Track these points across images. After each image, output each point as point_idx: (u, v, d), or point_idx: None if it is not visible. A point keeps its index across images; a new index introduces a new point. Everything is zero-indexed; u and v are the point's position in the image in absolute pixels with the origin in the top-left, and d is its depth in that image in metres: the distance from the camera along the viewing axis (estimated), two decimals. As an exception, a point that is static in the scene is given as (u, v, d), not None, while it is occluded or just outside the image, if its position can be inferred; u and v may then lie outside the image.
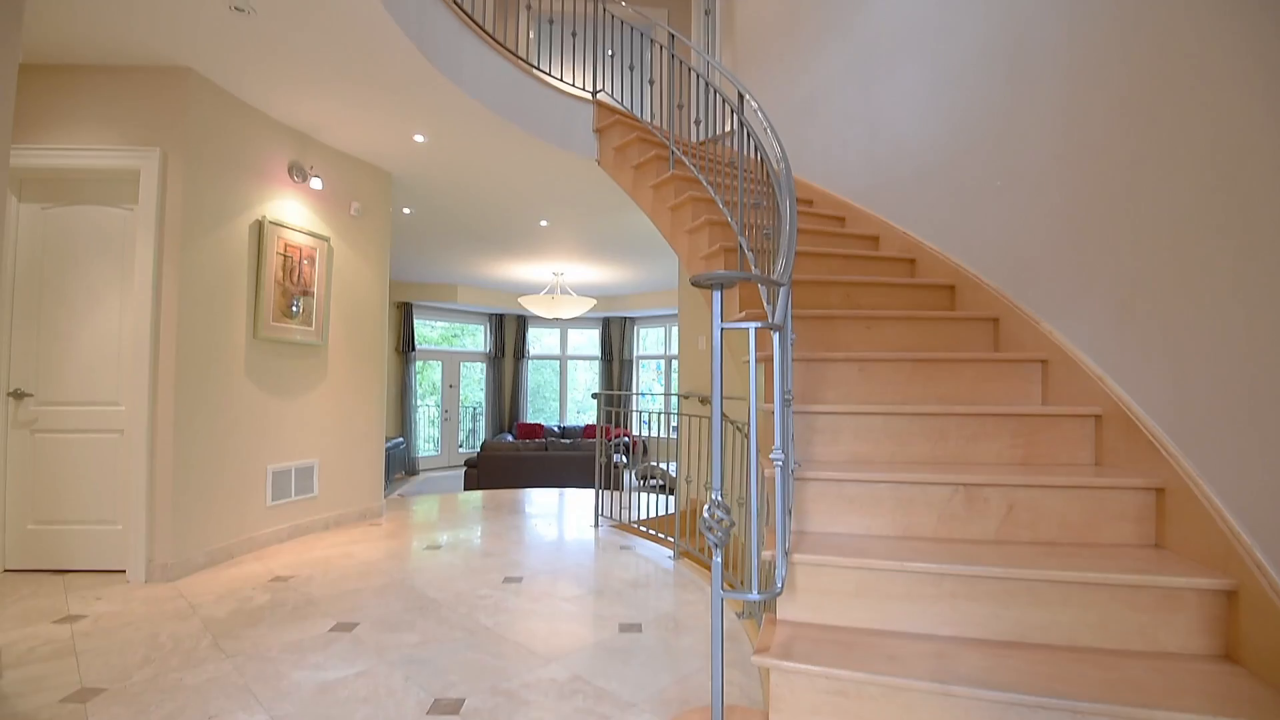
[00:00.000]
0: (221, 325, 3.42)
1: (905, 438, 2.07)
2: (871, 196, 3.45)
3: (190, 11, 2.69)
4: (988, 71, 2.64)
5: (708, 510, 1.35)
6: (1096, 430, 2.04)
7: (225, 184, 3.43)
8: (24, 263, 3.21)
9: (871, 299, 2.79)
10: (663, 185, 3.53)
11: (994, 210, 2.59)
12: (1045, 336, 2.28)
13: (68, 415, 3.20)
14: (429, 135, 3.93)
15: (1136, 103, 1.94)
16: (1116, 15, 2.02)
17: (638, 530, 4.16)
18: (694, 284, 1.33)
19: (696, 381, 5.57)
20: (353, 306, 4.38)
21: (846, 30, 3.72)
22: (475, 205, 5.41)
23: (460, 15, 3.34)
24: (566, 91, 4.05)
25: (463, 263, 8.02)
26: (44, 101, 3.16)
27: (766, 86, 4.62)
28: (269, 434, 3.74)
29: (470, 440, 11.04)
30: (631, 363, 11.28)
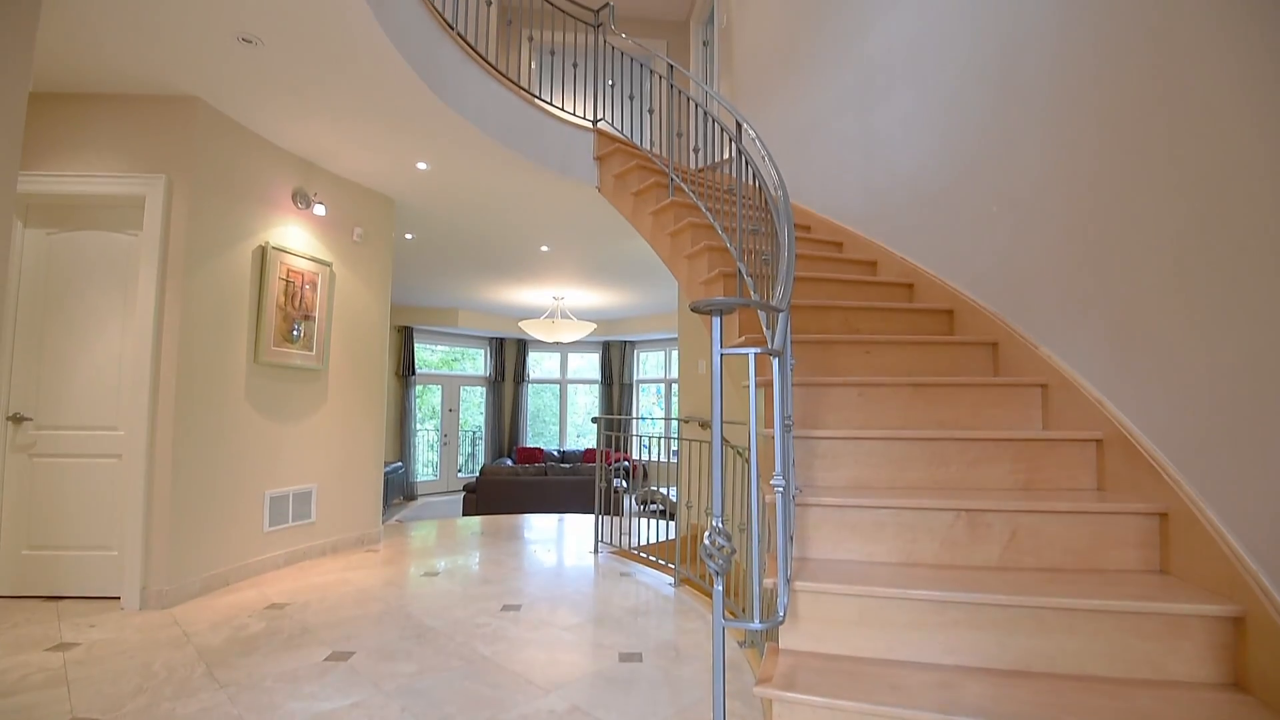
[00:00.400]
0: (222, 350, 3.43)
1: (906, 463, 2.06)
2: (869, 222, 3.49)
3: (199, 42, 2.75)
4: (981, 100, 2.69)
5: (708, 537, 1.34)
6: (1098, 455, 2.03)
7: (229, 210, 3.47)
8: (28, 287, 3.23)
9: (870, 324, 2.80)
10: (662, 211, 3.57)
11: (990, 235, 2.62)
12: (1044, 361, 2.29)
13: (66, 440, 3.19)
14: (432, 163, 3.99)
15: (1128, 129, 1.97)
16: (1106, 43, 2.07)
17: (637, 556, 4.11)
18: (693, 310, 1.34)
19: (697, 405, 5.56)
20: (354, 331, 4.40)
21: (842, 61, 3.79)
22: (477, 231, 5.46)
23: (464, 47, 3.41)
24: (568, 120, 4.12)
25: (464, 287, 8.06)
26: (53, 129, 3.22)
27: (764, 115, 4.70)
28: (267, 459, 3.73)
29: (469, 465, 10.98)
30: (631, 387, 11.28)
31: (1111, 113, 2.04)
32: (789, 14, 4.43)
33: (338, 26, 2.61)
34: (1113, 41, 2.05)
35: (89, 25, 2.64)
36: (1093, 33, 2.13)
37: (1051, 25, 2.32)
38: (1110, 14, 2.05)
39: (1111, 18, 2.05)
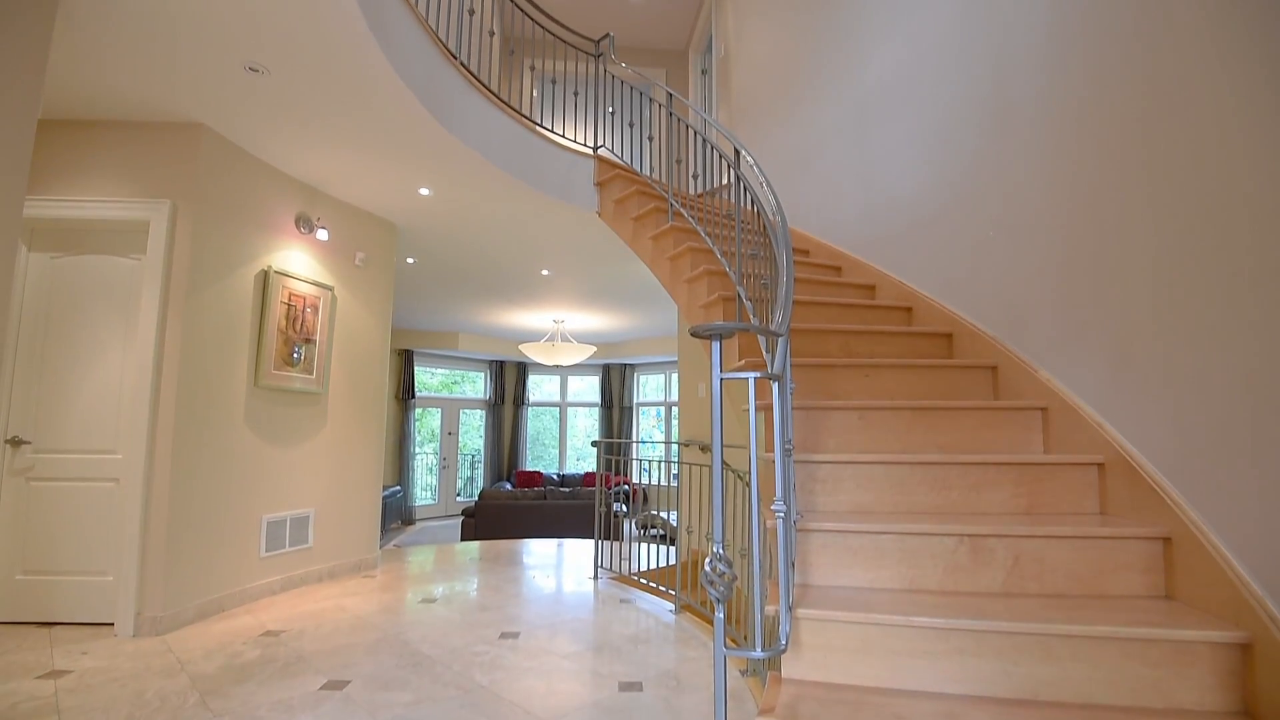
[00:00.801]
0: (223, 373, 3.44)
1: (908, 487, 2.05)
2: (867, 246, 3.52)
3: (207, 71, 2.80)
4: (974, 128, 2.73)
5: (709, 564, 1.33)
6: (1099, 478, 2.02)
7: (233, 235, 3.50)
8: (30, 311, 3.25)
9: (869, 347, 2.81)
10: (662, 236, 3.61)
11: (988, 259, 2.64)
12: (1044, 384, 2.29)
13: (64, 463, 3.18)
14: (434, 189, 4.03)
15: (1119, 155, 2.00)
16: (1096, 71, 2.11)
17: (637, 583, 4.07)
18: (693, 334, 1.35)
19: (697, 429, 5.55)
20: (354, 354, 4.40)
21: (838, 88, 3.86)
22: (478, 255, 5.51)
23: (467, 76, 3.47)
24: (568, 147, 4.18)
25: (464, 310, 8.10)
26: (60, 154, 3.26)
27: (762, 141, 4.76)
28: (265, 483, 3.71)
29: (468, 488, 10.91)
30: (631, 409, 11.26)
31: (1103, 139, 2.07)
32: (785, 45, 4.53)
33: (344, 57, 2.67)
34: (1102, 70, 2.09)
35: (98, 54, 2.69)
36: (1082, 61, 2.17)
37: (1041, 55, 2.37)
38: (1100, 43, 2.10)
39: (1101, 46, 2.09)
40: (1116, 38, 2.04)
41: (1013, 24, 2.53)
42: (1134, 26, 1.98)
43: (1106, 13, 2.09)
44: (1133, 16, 1.98)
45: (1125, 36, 2.01)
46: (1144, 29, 1.94)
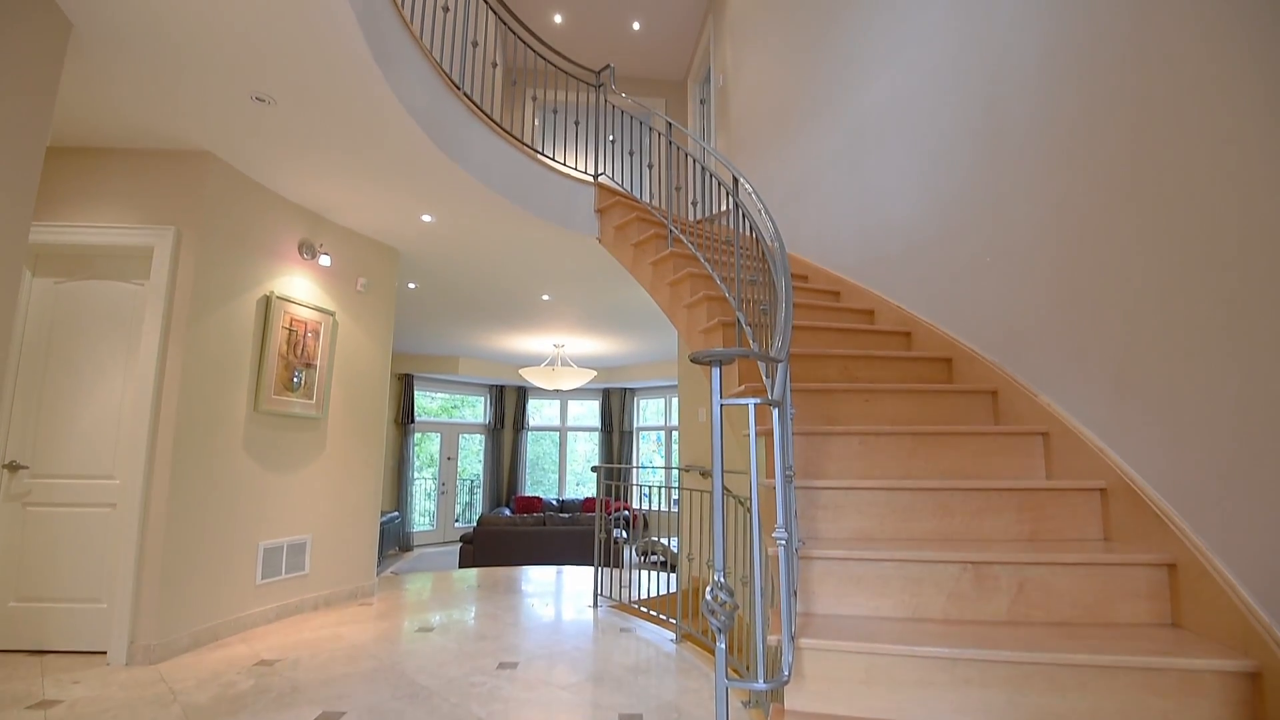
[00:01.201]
0: (223, 398, 3.44)
1: (910, 513, 2.04)
2: (865, 272, 3.54)
3: (214, 101, 2.85)
4: (970, 155, 2.77)
5: (710, 593, 1.32)
6: (1102, 504, 2.01)
7: (236, 261, 3.53)
8: (32, 335, 3.26)
9: (869, 372, 2.81)
10: (661, 262, 3.63)
11: (986, 285, 2.66)
12: (1044, 409, 2.29)
13: (61, 489, 3.16)
14: (437, 215, 4.08)
15: (1115, 180, 2.03)
16: (1090, 98, 2.15)
17: (638, 611, 4.02)
18: (693, 361, 1.36)
19: (697, 454, 5.53)
20: (354, 379, 4.41)
21: (833, 117, 3.93)
22: (479, 280, 5.54)
23: (470, 106, 3.53)
24: (569, 175, 4.23)
25: (465, 335, 8.12)
26: (67, 181, 3.30)
27: (760, 168, 4.83)
28: (263, 509, 3.69)
29: (467, 514, 10.83)
30: (631, 434, 11.22)
31: (1096, 166, 2.11)
32: (781, 75, 4.61)
33: (350, 87, 2.72)
34: (1094, 99, 2.13)
35: (108, 84, 2.74)
36: (1075, 90, 2.21)
37: (1034, 84, 2.41)
38: (1092, 72, 2.14)
39: (1093, 76, 2.14)
40: (1109, 67, 2.08)
41: (1005, 54, 2.59)
42: (1125, 56, 2.02)
43: (1098, 42, 2.13)
44: (1124, 46, 2.03)
45: (1117, 66, 2.05)
46: (1136, 58, 1.98)
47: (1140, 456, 1.90)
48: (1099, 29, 2.13)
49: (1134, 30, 1.98)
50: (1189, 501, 1.73)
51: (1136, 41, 1.97)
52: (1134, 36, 1.98)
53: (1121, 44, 2.03)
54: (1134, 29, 1.98)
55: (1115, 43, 2.06)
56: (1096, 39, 2.13)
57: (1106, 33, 2.09)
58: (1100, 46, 2.12)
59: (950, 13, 2.95)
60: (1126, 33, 2.01)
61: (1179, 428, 1.77)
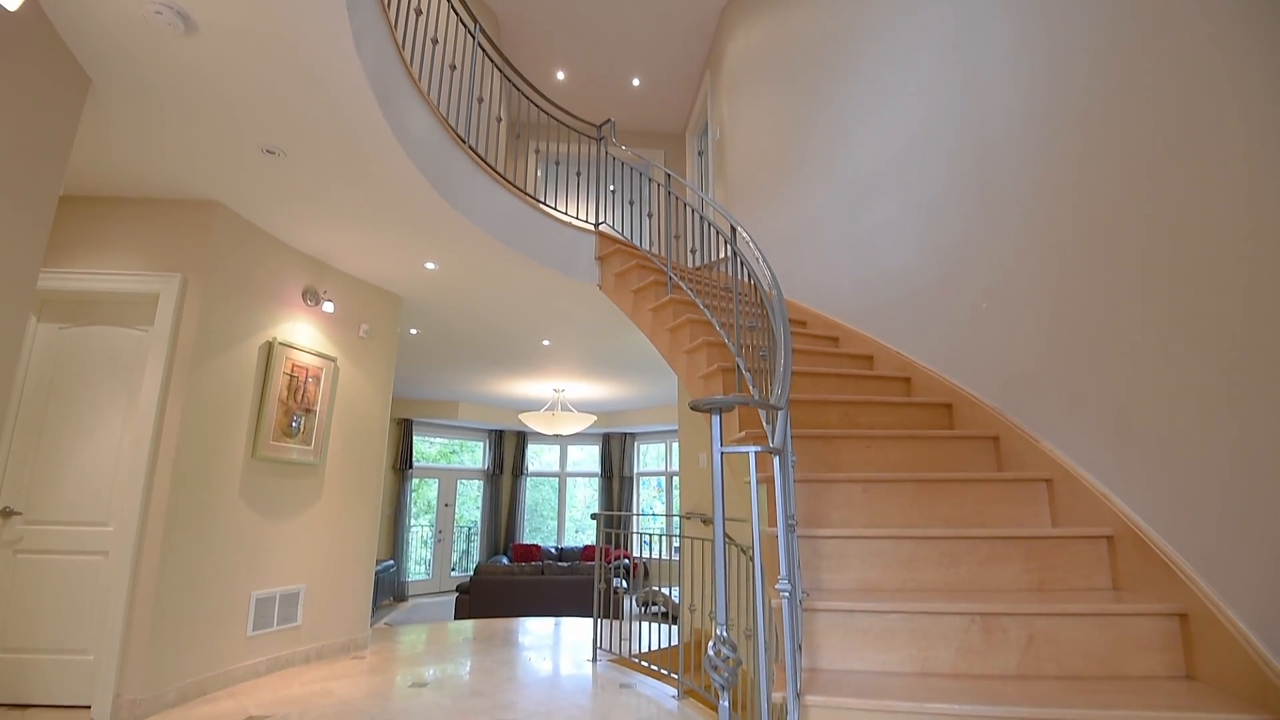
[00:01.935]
0: (221, 445, 3.42)
1: (915, 563, 2.01)
2: (863, 318, 3.57)
3: (225, 153, 2.93)
4: (965, 202, 2.83)
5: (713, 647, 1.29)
6: (1110, 551, 1.98)
7: (240, 307, 3.56)
8: (34, 380, 3.26)
9: (870, 418, 2.81)
10: (661, 308, 3.67)
11: (983, 331, 2.68)
12: (1046, 455, 2.28)
13: (54, 535, 3.11)
14: (440, 263, 4.14)
15: (1108, 229, 2.08)
16: (1077, 147, 2.22)
17: (638, 665, 3.90)
18: (693, 408, 1.36)
19: (698, 500, 5.46)
20: (354, 425, 4.39)
21: (829, 168, 4.03)
22: (481, 326, 5.58)
23: (475, 159, 3.63)
24: (570, 223, 4.32)
25: (465, 380, 8.13)
26: (77, 229, 3.36)
27: (757, 217, 4.93)
28: (257, 558, 3.62)
29: (463, 562, 10.62)
30: (632, 480, 11.10)
31: (1086, 216, 2.15)
32: (777, 128, 4.76)
33: (358, 140, 2.80)
34: (1083, 147, 2.19)
35: (123, 137, 2.83)
36: (1062, 140, 2.28)
37: (1023, 135, 2.49)
38: (1078, 123, 2.22)
39: (1080, 126, 2.21)
40: (1095, 119, 2.15)
41: (993, 107, 2.68)
42: (1111, 107, 2.09)
43: (1084, 95, 2.21)
44: (1109, 98, 2.10)
45: (1103, 117, 2.12)
46: (1119, 109, 2.05)
47: (1146, 503, 1.89)
48: (1084, 82, 2.21)
49: (1119, 83, 2.06)
50: (1197, 549, 1.70)
51: (1120, 94, 2.05)
52: (1118, 89, 2.06)
53: (1107, 96, 2.11)
54: (1119, 82, 2.06)
55: (1101, 95, 2.13)
56: (1082, 91, 2.21)
57: (1092, 85, 2.17)
58: (1086, 98, 2.19)
59: (939, 68, 3.06)
60: (1112, 86, 2.09)
61: (1183, 474, 1.76)
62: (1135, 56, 2.00)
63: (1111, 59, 2.09)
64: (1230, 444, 1.62)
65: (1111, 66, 2.09)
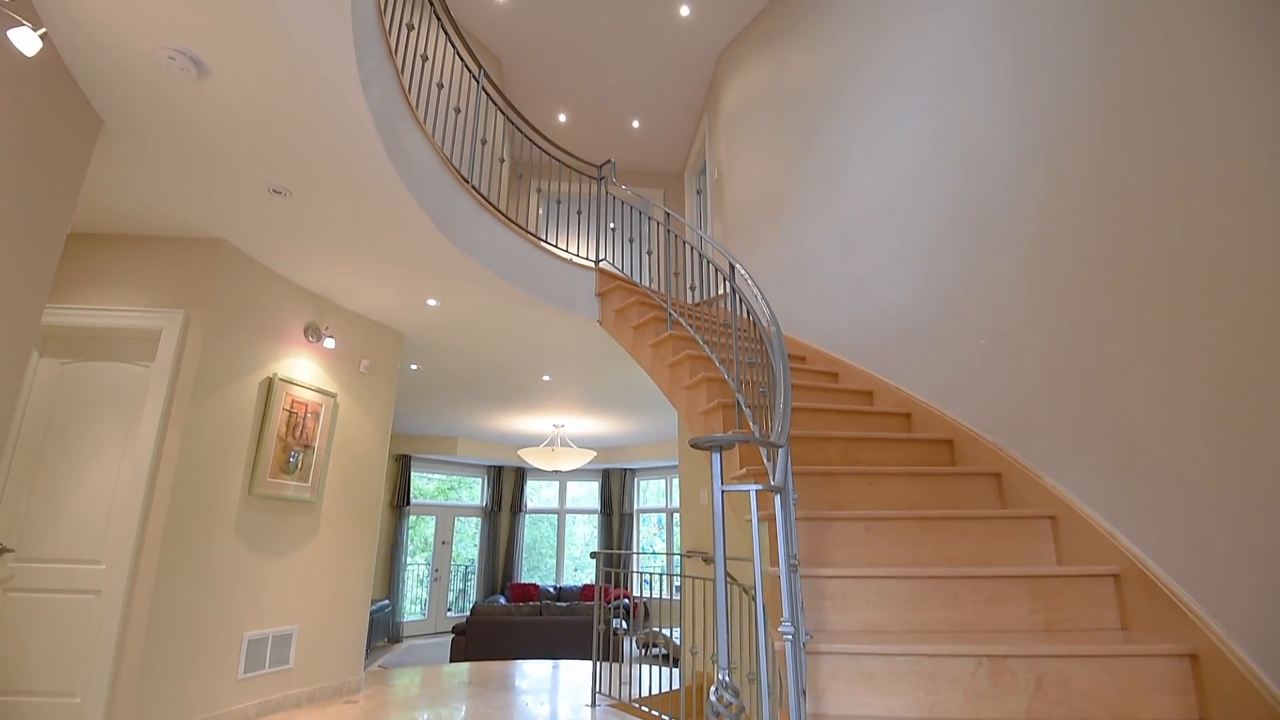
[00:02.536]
0: (218, 482, 3.39)
1: (920, 603, 1.98)
2: (862, 353, 3.59)
3: (233, 193, 2.99)
4: (959, 241, 2.87)
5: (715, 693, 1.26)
6: (1117, 590, 1.96)
7: (242, 344, 3.58)
8: (33, 416, 3.25)
9: (871, 454, 2.80)
10: (661, 344, 3.69)
11: (983, 367, 2.69)
12: (1049, 491, 2.27)
13: (45, 573, 3.06)
14: (442, 300, 4.17)
15: (1094, 264, 2.10)
16: (1063, 185, 2.26)
17: (639, 710, 3.79)
18: (693, 446, 1.36)
19: (699, 538, 5.39)
20: (352, 462, 4.37)
21: (825, 207, 4.10)
22: (482, 362, 5.60)
23: (477, 198, 3.69)
24: (571, 261, 4.37)
25: (464, 416, 8.11)
26: (82, 265, 3.39)
27: (755, 254, 4.99)
28: (250, 597, 3.56)
29: (460, 602, 10.41)
30: (632, 517, 10.97)
31: (1084, 252, 2.19)
32: (773, 168, 4.85)
33: (364, 181, 2.85)
34: (1069, 185, 2.24)
35: (133, 177, 2.88)
36: (1048, 179, 2.33)
37: (1012, 175, 2.54)
38: (1064, 162, 2.26)
39: (1065, 165, 2.26)
40: (1080, 158, 2.20)
41: (982, 149, 2.74)
42: (1095, 146, 2.14)
43: (1068, 135, 2.27)
44: (1094, 136, 2.15)
45: (1088, 156, 2.17)
46: (1103, 147, 2.10)
47: (1151, 540, 1.87)
48: (1068, 124, 2.27)
49: (1104, 121, 2.12)
50: (1206, 588, 1.68)
51: (1104, 134, 2.10)
52: (1103, 129, 2.11)
53: (1091, 136, 2.16)
54: (1104, 122, 2.12)
55: (1085, 135, 2.19)
56: (1066, 132, 2.27)
57: (1076, 125, 2.23)
58: (1070, 139, 2.25)
59: (929, 112, 3.14)
60: (1096, 126, 2.14)
61: (1188, 510, 1.75)
62: (1119, 96, 2.05)
63: (1094, 100, 2.15)
64: (1234, 479, 1.61)
65: (1094, 107, 2.15)
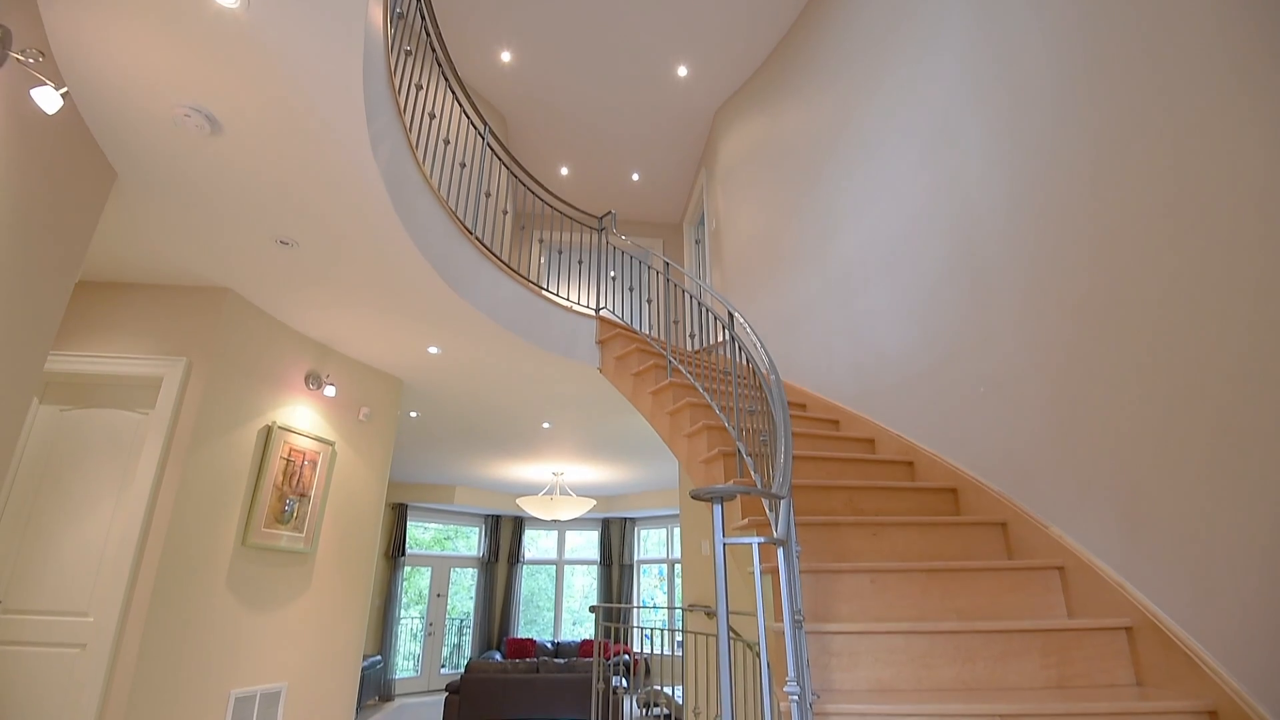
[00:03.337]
0: (211, 532, 3.34)
1: (929, 659, 1.92)
2: (862, 401, 3.59)
3: (240, 244, 3.04)
4: (956, 289, 2.91)
5: (720, 750, 1.21)
6: (1130, 644, 1.90)
7: (242, 391, 3.58)
8: (29, 464, 3.22)
9: (874, 503, 2.77)
10: (661, 391, 3.69)
11: (983, 415, 2.69)
12: (1056, 541, 2.23)
13: (31, 626, 2.98)
14: (443, 348, 4.20)
15: (1093, 312, 2.13)
16: (1054, 234, 2.30)
17: (639, 772, 3.64)
18: (694, 498, 1.35)
19: (701, 590, 5.27)
20: (348, 512, 4.31)
21: (822, 256, 4.17)
22: (482, 409, 5.59)
23: (480, 248, 3.76)
24: (572, 309, 4.41)
25: (463, 463, 8.04)
26: (88, 313, 3.42)
27: (754, 302, 5.04)
28: (239, 653, 3.45)
29: (455, 657, 10.09)
30: (632, 567, 10.73)
31: (1076, 300, 2.21)
32: (770, 219, 4.96)
33: (370, 233, 2.91)
34: (1068, 238, 2.28)
35: (144, 228, 2.95)
36: (1039, 228, 2.37)
37: (1004, 224, 2.59)
38: (1054, 210, 2.31)
39: (1055, 213, 2.31)
40: (1070, 207, 2.25)
41: (974, 199, 2.81)
42: (1083, 194, 2.19)
43: (1057, 184, 2.32)
44: (1083, 186, 2.21)
45: (1076, 204, 2.22)
46: (1091, 195, 2.15)
47: (1162, 591, 1.83)
48: (1058, 175, 2.33)
49: (1092, 169, 2.17)
50: (1222, 641, 1.64)
51: (1093, 185, 2.16)
52: (1090, 180, 2.17)
53: (1081, 186, 2.21)
54: (1093, 169, 2.17)
55: (1075, 185, 2.24)
56: (1056, 183, 2.33)
57: (1064, 175, 2.29)
58: (1059, 188, 2.30)
59: (921, 165, 3.23)
60: (1083, 178, 2.20)
61: (1199, 563, 1.72)
62: (1107, 148, 2.12)
63: (1083, 151, 2.21)
64: (1240, 528, 1.59)
65: (1083, 158, 2.21)
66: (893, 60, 3.59)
